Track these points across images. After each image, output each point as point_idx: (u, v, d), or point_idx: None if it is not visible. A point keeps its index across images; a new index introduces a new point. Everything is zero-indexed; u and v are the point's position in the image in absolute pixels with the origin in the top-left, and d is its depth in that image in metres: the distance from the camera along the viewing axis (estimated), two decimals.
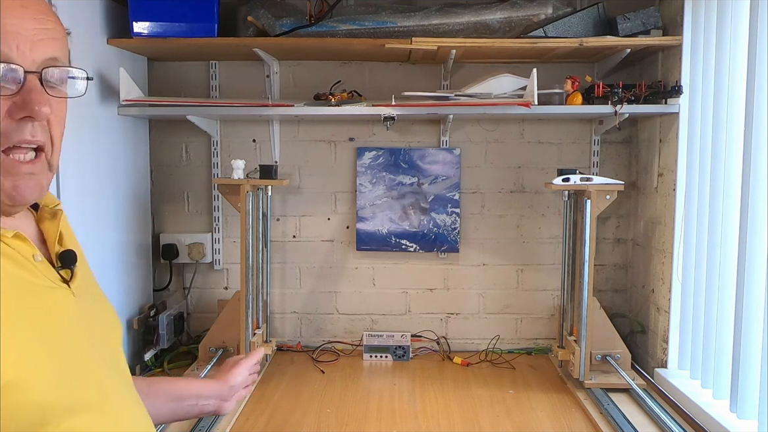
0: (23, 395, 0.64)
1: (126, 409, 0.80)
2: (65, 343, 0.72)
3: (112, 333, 0.87)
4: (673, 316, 1.95)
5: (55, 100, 0.71)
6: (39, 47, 0.68)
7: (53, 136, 0.72)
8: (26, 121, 0.67)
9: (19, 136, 0.67)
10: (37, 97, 0.67)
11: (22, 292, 0.69)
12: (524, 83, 1.96)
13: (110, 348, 0.83)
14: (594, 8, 2.02)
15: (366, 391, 1.93)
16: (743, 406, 1.53)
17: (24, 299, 0.69)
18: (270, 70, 2.25)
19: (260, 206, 2.10)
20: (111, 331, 0.87)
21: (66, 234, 0.83)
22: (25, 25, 0.67)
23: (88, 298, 0.81)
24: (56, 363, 0.69)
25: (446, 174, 2.28)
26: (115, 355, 0.85)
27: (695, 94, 1.85)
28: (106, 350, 0.81)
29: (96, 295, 0.87)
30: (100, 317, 0.84)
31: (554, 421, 1.72)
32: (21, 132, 0.67)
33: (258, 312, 2.08)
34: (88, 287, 0.84)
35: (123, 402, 0.80)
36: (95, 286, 0.89)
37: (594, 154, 2.29)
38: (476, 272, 2.34)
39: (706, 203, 1.77)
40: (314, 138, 2.31)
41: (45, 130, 0.70)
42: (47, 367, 0.67)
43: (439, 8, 2.02)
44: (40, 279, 0.72)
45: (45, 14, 0.69)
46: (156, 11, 1.96)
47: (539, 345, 2.34)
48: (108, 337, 0.84)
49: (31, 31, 0.67)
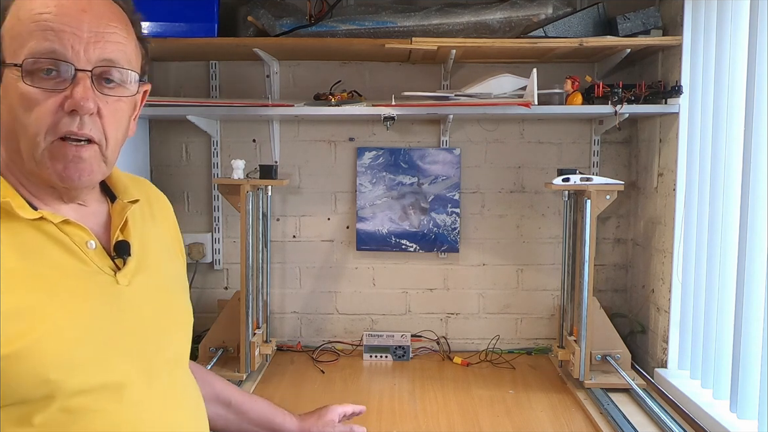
0: (29, 367, 0.69)
1: (158, 400, 0.82)
2: (92, 327, 0.76)
3: (171, 327, 0.89)
4: (673, 316, 1.95)
5: (111, 99, 0.77)
6: (94, 49, 0.74)
7: (107, 132, 0.77)
8: (74, 114, 0.73)
9: (67, 127, 0.74)
10: (84, 93, 0.73)
11: (60, 276, 0.75)
12: (524, 83, 1.96)
13: (162, 340, 0.86)
14: (594, 8, 2.02)
15: (366, 391, 1.93)
16: (743, 406, 1.53)
17: (60, 282, 0.75)
18: (270, 70, 2.25)
19: (260, 206, 2.10)
20: (170, 325, 0.89)
21: (138, 226, 0.88)
22: (83, 27, 0.73)
23: (145, 290, 0.85)
24: (73, 343, 0.73)
25: (446, 174, 2.28)
26: (166, 348, 0.87)
27: (695, 94, 1.85)
28: (152, 341, 0.83)
29: (161, 289, 0.89)
30: (157, 309, 0.86)
31: (554, 421, 1.72)
32: (70, 124, 0.74)
33: (258, 312, 2.08)
34: (153, 279, 0.87)
35: (155, 393, 0.82)
36: (169, 282, 0.92)
37: (594, 154, 2.29)
38: (476, 272, 2.34)
39: (706, 203, 1.77)
40: (314, 138, 2.31)
41: (96, 125, 0.76)
42: (62, 346, 0.72)
43: (439, 8, 2.02)
44: (87, 264, 0.78)
45: (106, 19, 0.76)
46: (156, 11, 1.96)
47: (539, 345, 2.34)
48: (161, 330, 0.86)
49: (87, 33, 0.73)
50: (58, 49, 0.72)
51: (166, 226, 0.98)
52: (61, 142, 0.74)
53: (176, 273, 0.97)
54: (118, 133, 0.80)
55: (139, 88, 0.83)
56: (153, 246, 0.90)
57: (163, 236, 0.96)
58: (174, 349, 0.89)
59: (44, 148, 0.74)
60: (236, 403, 1.11)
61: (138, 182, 0.99)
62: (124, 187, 0.89)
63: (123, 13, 0.79)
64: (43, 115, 0.73)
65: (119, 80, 0.78)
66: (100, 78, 0.76)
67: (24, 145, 0.75)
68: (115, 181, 0.90)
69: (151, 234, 0.91)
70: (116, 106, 0.78)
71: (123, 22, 0.78)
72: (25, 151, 0.75)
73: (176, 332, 0.91)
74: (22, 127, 0.74)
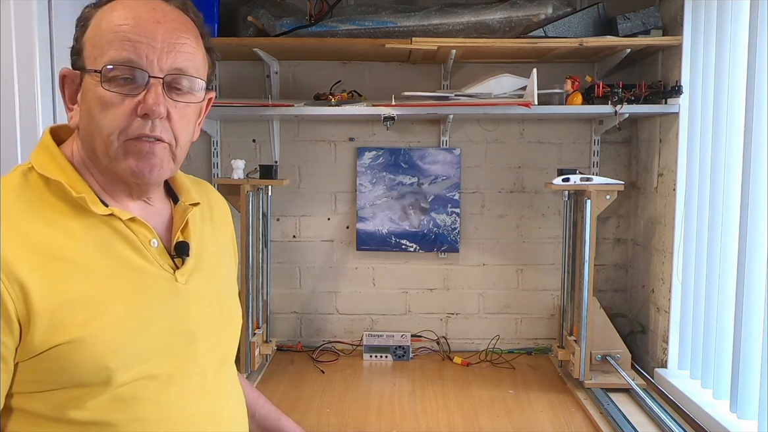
0: (90, 354, 0.75)
1: (208, 394, 0.87)
2: (151, 320, 0.81)
3: (223, 326, 0.94)
4: (673, 316, 1.95)
5: (180, 104, 0.83)
6: (166, 58, 0.80)
7: (177, 134, 0.83)
8: (147, 118, 0.79)
9: (140, 129, 0.80)
10: (156, 98, 0.79)
11: (124, 270, 0.80)
12: (524, 83, 1.96)
13: (214, 338, 0.90)
14: (594, 8, 2.02)
15: (366, 391, 1.93)
16: (743, 406, 1.53)
17: (125, 276, 0.80)
18: (270, 70, 2.25)
19: (260, 206, 2.10)
20: (222, 324, 0.93)
21: (197, 228, 0.93)
22: (157, 38, 0.80)
23: (201, 289, 0.89)
24: (132, 333, 0.79)
25: (446, 174, 2.28)
26: (217, 345, 0.91)
27: (695, 94, 1.85)
28: (205, 338, 0.88)
29: (215, 290, 0.93)
30: (211, 309, 0.91)
31: (554, 421, 1.72)
32: (142, 126, 0.80)
33: (258, 312, 2.08)
34: (208, 280, 0.91)
35: (206, 387, 0.87)
36: (222, 283, 0.97)
37: (594, 154, 2.29)
38: (476, 272, 2.34)
39: (706, 203, 1.77)
40: (314, 138, 2.31)
41: (166, 128, 0.82)
42: (122, 336, 0.77)
43: (439, 8, 2.02)
44: (149, 261, 0.83)
45: (178, 31, 0.82)
46: None
47: (539, 345, 2.34)
48: (214, 329, 0.91)
49: (161, 43, 0.80)
50: (134, 58, 0.78)
51: (224, 230, 1.04)
52: (134, 140, 0.80)
53: (229, 275, 1.02)
54: (186, 135, 0.86)
55: (204, 95, 0.88)
56: (210, 248, 0.95)
57: (220, 239, 1.01)
58: (223, 348, 0.93)
59: (118, 146, 0.80)
60: (260, 417, 1.13)
61: (200, 185, 1.03)
62: (186, 189, 0.94)
63: (194, 26, 0.85)
64: (117, 117, 0.79)
65: (188, 88, 0.83)
66: (171, 85, 0.82)
67: (99, 143, 0.81)
68: (178, 182, 0.95)
69: (208, 236, 0.96)
70: (184, 111, 0.84)
71: (194, 34, 0.84)
72: (99, 149, 0.81)
73: (226, 332, 0.95)
74: (98, 127, 0.80)
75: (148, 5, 0.81)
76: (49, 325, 0.73)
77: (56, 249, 0.76)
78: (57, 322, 0.73)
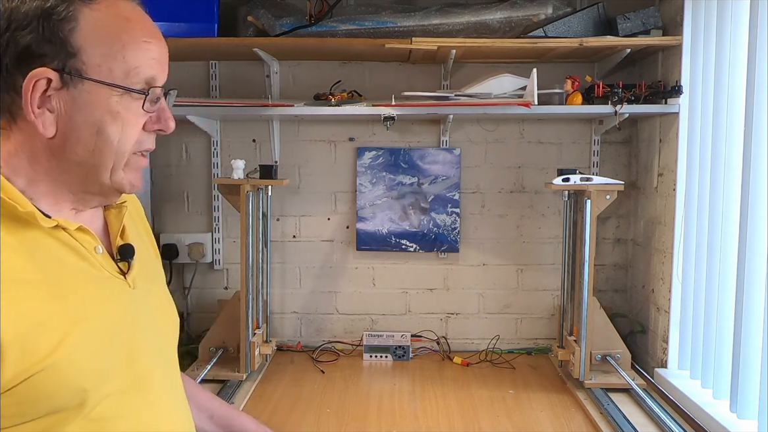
0: (65, 378, 0.70)
1: (166, 400, 0.86)
2: (115, 331, 0.79)
3: (169, 328, 0.93)
4: (673, 316, 1.95)
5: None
6: (164, 72, 0.82)
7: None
8: (155, 133, 0.81)
9: (148, 144, 0.82)
10: (168, 114, 0.81)
11: (80, 282, 0.77)
12: (524, 83, 1.96)
13: (163, 341, 0.89)
14: (594, 8, 2.02)
15: (366, 391, 1.93)
16: (743, 406, 1.53)
17: (81, 289, 0.77)
18: (270, 70, 2.25)
19: (260, 206, 2.10)
20: (168, 326, 0.93)
21: (130, 228, 0.90)
22: (162, 51, 0.81)
23: (147, 292, 0.87)
24: (101, 349, 0.76)
25: (446, 174, 2.28)
26: (167, 349, 0.90)
27: (695, 94, 1.85)
28: (157, 342, 0.87)
29: (156, 291, 0.92)
30: (157, 311, 0.89)
31: (554, 421, 1.72)
32: (150, 141, 0.82)
33: (258, 312, 2.08)
34: (149, 281, 0.90)
35: (164, 393, 0.86)
36: (158, 282, 0.95)
37: (594, 154, 2.29)
38: (476, 272, 2.34)
39: (706, 203, 1.77)
40: (314, 138, 2.31)
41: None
42: (92, 353, 0.74)
43: (439, 8, 2.02)
44: (99, 270, 0.80)
45: (165, 43, 0.83)
46: (156, 11, 1.94)
47: (539, 345, 2.34)
48: (163, 331, 0.90)
49: (164, 57, 0.82)
50: (161, 78, 0.80)
51: (143, 226, 1.00)
52: (136, 154, 0.81)
53: (160, 272, 0.99)
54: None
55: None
56: (140, 248, 0.91)
57: (143, 236, 0.97)
58: (170, 351, 0.92)
59: (126, 160, 0.79)
60: (218, 417, 1.10)
61: None
62: None
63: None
64: (135, 132, 0.79)
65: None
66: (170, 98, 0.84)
67: (105, 158, 0.77)
68: None
69: (136, 236, 0.92)
70: None
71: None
72: (102, 164, 0.77)
73: (170, 334, 0.93)
74: (108, 141, 0.77)
75: (141, 12, 0.81)
76: (21, 355, 0.67)
77: (11, 271, 0.69)
78: (28, 351, 0.67)
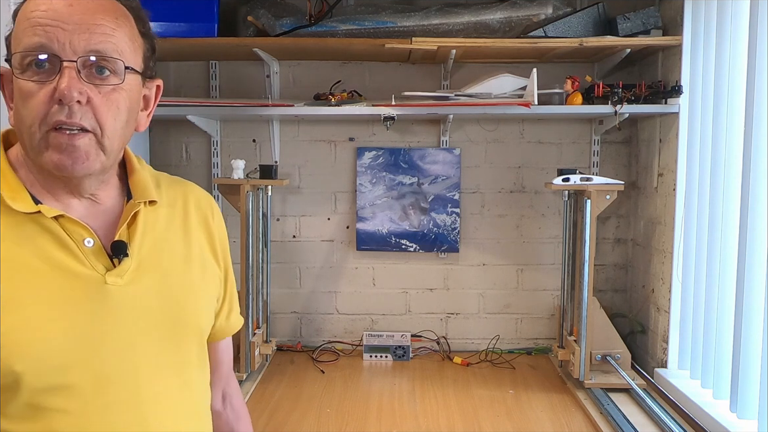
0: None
1: (137, 405, 0.80)
2: (71, 325, 0.76)
3: (175, 336, 0.86)
4: (673, 316, 1.95)
5: (104, 89, 0.78)
6: (79, 40, 0.76)
7: (100, 121, 0.78)
8: (62, 104, 0.75)
9: (57, 116, 0.75)
10: (68, 82, 0.75)
11: (43, 269, 0.76)
12: (524, 83, 1.96)
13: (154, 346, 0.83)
14: (594, 8, 2.02)
15: (366, 391, 1.93)
16: (743, 406, 1.53)
17: (44, 275, 0.76)
18: (270, 70, 2.25)
19: (260, 206, 2.10)
20: (173, 332, 0.86)
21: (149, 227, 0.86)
22: (69, 20, 0.75)
23: (149, 293, 0.83)
24: (46, 336, 0.74)
25: (446, 174, 2.28)
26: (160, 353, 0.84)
27: (695, 94, 1.85)
28: (141, 345, 0.82)
29: (172, 295, 0.86)
30: (157, 314, 0.84)
31: (554, 421, 1.72)
32: (59, 113, 0.75)
33: (258, 312, 2.08)
34: (161, 284, 0.85)
35: (134, 398, 0.80)
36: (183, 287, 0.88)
37: (594, 154, 2.29)
38: (476, 272, 2.34)
39: (706, 203, 1.77)
40: (314, 138, 2.31)
41: (87, 114, 0.77)
42: (31, 339, 0.73)
43: (439, 8, 2.02)
44: (79, 262, 0.78)
45: (93, 12, 0.77)
46: (156, 11, 1.94)
47: (539, 345, 2.34)
48: (159, 336, 0.84)
49: (72, 25, 0.75)
50: (45, 42, 0.75)
51: (201, 233, 0.95)
52: (55, 132, 0.76)
53: (198, 281, 0.92)
54: (116, 123, 0.80)
55: (146, 82, 0.85)
56: (173, 250, 0.88)
57: (192, 242, 0.92)
58: (171, 357, 0.85)
59: (40, 138, 0.76)
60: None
61: (177, 185, 0.98)
62: (144, 188, 0.88)
63: (116, 7, 0.81)
64: (36, 106, 0.76)
65: (112, 70, 0.79)
66: (90, 68, 0.77)
67: (25, 137, 0.78)
68: (136, 180, 0.89)
69: (173, 238, 0.89)
70: (110, 96, 0.79)
71: (112, 14, 0.80)
72: (26, 143, 0.78)
73: (176, 339, 0.86)
74: (21, 119, 0.77)
75: None
76: None
77: None
78: None
